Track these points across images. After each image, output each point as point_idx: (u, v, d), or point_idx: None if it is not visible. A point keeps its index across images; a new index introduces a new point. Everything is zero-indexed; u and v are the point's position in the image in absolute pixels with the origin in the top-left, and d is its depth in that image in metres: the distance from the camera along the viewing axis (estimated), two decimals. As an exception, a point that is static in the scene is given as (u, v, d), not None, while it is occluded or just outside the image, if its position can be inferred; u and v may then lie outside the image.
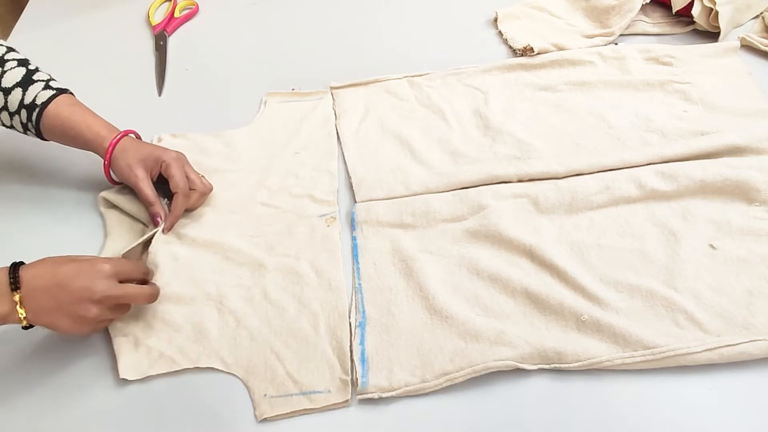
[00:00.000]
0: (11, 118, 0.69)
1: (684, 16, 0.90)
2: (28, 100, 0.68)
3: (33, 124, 0.69)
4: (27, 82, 0.68)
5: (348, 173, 0.76)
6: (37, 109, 0.68)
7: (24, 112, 0.68)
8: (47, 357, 0.62)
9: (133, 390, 0.60)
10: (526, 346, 0.58)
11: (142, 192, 0.69)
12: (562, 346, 0.58)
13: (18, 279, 0.55)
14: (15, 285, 0.54)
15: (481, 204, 0.70)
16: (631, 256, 0.65)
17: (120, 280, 0.59)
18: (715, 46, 0.87)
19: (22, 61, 0.70)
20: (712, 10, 0.86)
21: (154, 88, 0.89)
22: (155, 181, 0.71)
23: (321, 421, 0.57)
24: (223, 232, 0.70)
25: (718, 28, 0.87)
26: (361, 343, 0.61)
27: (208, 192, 0.73)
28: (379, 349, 0.60)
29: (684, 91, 0.81)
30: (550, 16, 0.95)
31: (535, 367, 0.58)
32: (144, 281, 0.64)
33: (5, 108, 0.68)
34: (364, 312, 0.63)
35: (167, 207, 0.71)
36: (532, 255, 0.66)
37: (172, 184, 0.69)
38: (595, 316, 0.60)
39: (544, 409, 0.56)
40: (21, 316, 0.55)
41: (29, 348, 0.63)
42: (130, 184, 0.70)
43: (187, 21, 1.00)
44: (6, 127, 0.71)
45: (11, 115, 0.69)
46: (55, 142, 0.72)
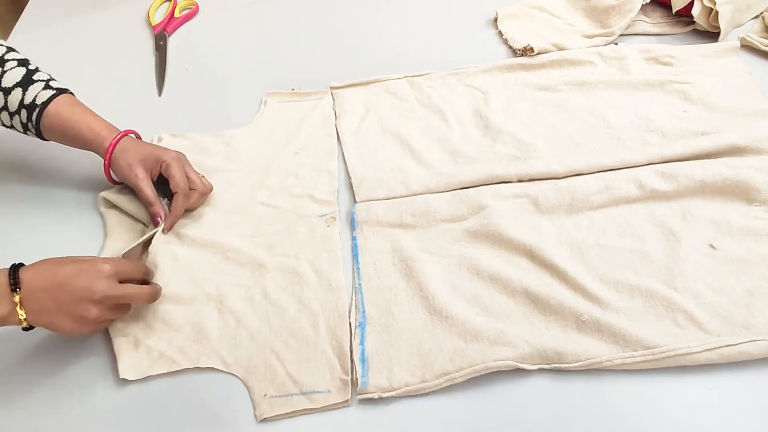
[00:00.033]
0: (11, 118, 0.69)
1: (684, 16, 0.90)
2: (28, 100, 0.68)
3: (33, 124, 0.69)
4: (27, 82, 0.68)
5: (348, 173, 0.76)
6: (37, 109, 0.68)
7: (24, 112, 0.68)
8: (47, 357, 0.62)
9: (133, 390, 0.60)
10: (526, 346, 0.58)
11: (142, 192, 0.69)
12: (562, 346, 0.58)
13: (18, 280, 0.55)
14: (15, 286, 0.54)
15: (481, 204, 0.70)
16: (631, 256, 0.65)
17: (120, 280, 0.59)
18: (715, 46, 0.87)
19: (22, 61, 0.70)
20: (712, 10, 0.86)
21: (154, 88, 0.89)
22: (155, 181, 0.71)
23: (321, 421, 0.57)
24: (223, 232, 0.70)
25: (718, 28, 0.87)
26: (361, 343, 0.61)
27: (208, 192, 0.73)
28: (379, 349, 0.60)
29: (684, 91, 0.81)
30: (550, 16, 0.95)
31: (535, 367, 0.58)
32: (144, 281, 0.64)
33: (5, 108, 0.68)
34: (364, 312, 0.63)
35: (167, 207, 0.71)
36: (532, 255, 0.66)
37: (172, 184, 0.69)
38: (595, 316, 0.60)
39: (544, 409, 0.56)
40: (21, 317, 0.55)
41: (29, 348, 0.63)
42: (130, 184, 0.70)
43: (187, 21, 1.00)
44: (6, 127, 0.71)
45: (11, 115, 0.69)
46: (55, 142, 0.72)
